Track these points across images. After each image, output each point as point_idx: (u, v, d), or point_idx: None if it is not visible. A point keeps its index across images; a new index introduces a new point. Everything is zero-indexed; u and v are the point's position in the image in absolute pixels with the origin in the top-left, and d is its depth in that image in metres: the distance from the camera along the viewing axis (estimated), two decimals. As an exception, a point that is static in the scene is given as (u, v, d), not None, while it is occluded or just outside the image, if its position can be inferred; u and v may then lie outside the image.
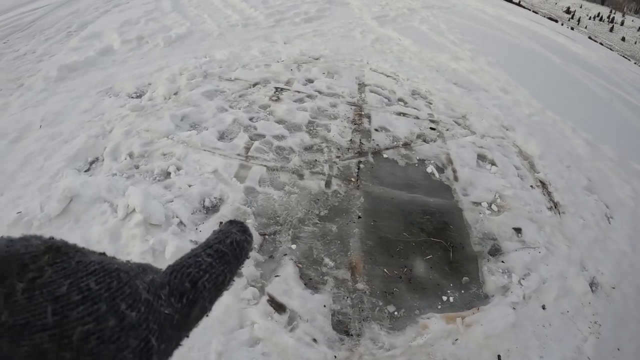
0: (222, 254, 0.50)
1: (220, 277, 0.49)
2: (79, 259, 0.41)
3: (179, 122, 5.32)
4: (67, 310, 0.37)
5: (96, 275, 0.40)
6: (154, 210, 3.83)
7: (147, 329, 0.40)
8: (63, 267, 0.39)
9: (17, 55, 7.32)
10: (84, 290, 0.38)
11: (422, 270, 3.90)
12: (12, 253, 0.39)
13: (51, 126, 5.22)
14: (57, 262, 0.39)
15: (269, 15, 10.73)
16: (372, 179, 4.89)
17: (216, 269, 0.49)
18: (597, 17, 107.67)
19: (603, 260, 4.71)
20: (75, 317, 0.36)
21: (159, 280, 0.46)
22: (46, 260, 0.39)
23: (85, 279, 0.39)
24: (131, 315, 0.39)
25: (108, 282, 0.40)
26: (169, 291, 0.44)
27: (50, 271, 0.38)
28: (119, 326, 0.38)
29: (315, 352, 3.04)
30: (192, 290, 0.46)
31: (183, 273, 0.47)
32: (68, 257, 0.40)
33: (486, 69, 9.78)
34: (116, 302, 0.39)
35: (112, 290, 0.40)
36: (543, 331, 3.67)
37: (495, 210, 4.82)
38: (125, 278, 0.42)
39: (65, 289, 0.38)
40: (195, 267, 0.48)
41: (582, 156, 6.88)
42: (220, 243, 0.52)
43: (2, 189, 4.27)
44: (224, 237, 0.54)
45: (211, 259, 0.49)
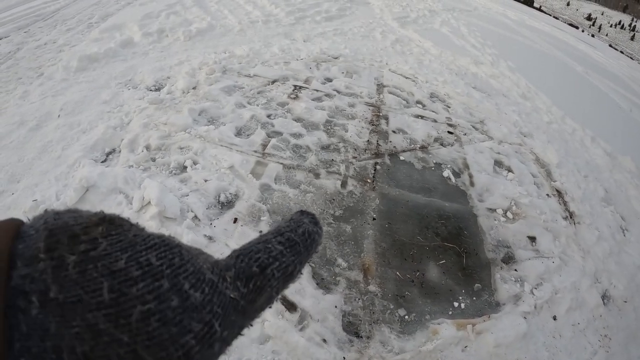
0: (293, 243, 0.48)
1: (290, 267, 0.46)
2: (136, 232, 0.38)
3: (197, 117, 5.35)
4: (126, 286, 0.33)
5: (157, 250, 0.37)
6: (169, 203, 3.85)
7: (210, 312, 0.37)
8: (119, 239, 0.36)
9: (38, 44, 7.40)
10: (144, 266, 0.35)
11: (434, 275, 3.89)
12: (60, 225, 0.36)
13: (70, 116, 5.28)
14: (112, 235, 0.36)
15: (290, 12, 10.74)
16: (388, 181, 4.87)
17: (287, 258, 0.46)
18: (618, 24, 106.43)
19: (617, 273, 4.65)
20: (134, 295, 0.33)
21: (224, 262, 0.43)
22: (100, 231, 0.36)
23: (144, 253, 0.36)
24: (195, 295, 0.36)
25: (170, 258, 0.37)
26: (235, 274, 0.41)
27: (105, 243, 0.35)
28: (182, 307, 0.35)
29: (324, 353, 3.04)
30: (260, 275, 0.43)
31: (251, 257, 0.44)
32: (124, 230, 0.37)
33: (506, 74, 9.70)
34: (179, 280, 0.36)
35: (174, 267, 0.37)
36: (553, 342, 3.64)
37: (510, 217, 4.78)
38: (188, 256, 0.39)
39: (123, 263, 0.34)
40: (265, 252, 0.45)
41: (601, 166, 6.80)
42: (292, 232, 0.49)
43: (19, 175, 4.33)
44: (296, 226, 0.51)
45: (282, 247, 0.46)
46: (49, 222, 0.36)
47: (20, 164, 4.48)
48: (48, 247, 0.33)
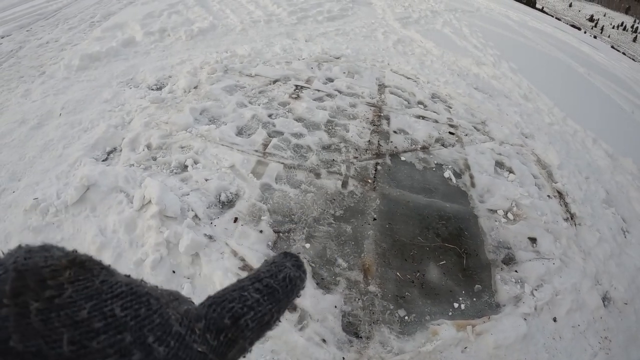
0: (272, 290, 0.45)
1: (267, 316, 0.43)
2: (104, 278, 0.36)
3: (198, 116, 5.35)
4: (87, 339, 0.32)
5: (123, 299, 0.35)
6: (169, 202, 3.85)
7: None
8: (86, 286, 0.34)
9: (40, 43, 7.42)
10: (108, 317, 0.33)
11: (435, 276, 3.88)
12: (30, 266, 0.34)
13: (71, 114, 5.29)
14: (79, 280, 0.34)
15: (292, 12, 10.74)
16: (388, 181, 4.87)
17: (263, 307, 0.43)
18: (620, 26, 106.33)
19: (617, 275, 4.64)
20: (95, 348, 0.32)
21: (195, 312, 0.40)
22: (67, 276, 0.34)
23: (109, 302, 0.34)
24: (159, 350, 0.34)
25: (136, 308, 0.35)
26: (205, 326, 0.39)
27: (71, 290, 0.34)
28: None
29: (324, 353, 3.04)
30: (233, 327, 0.40)
31: (224, 307, 0.41)
32: (92, 275, 0.36)
33: (508, 75, 9.69)
34: (143, 333, 0.34)
35: (139, 319, 0.35)
36: (553, 344, 3.64)
37: (511, 218, 4.77)
38: (156, 305, 0.37)
39: (85, 313, 0.33)
40: (240, 302, 0.42)
41: (602, 168, 6.79)
42: (272, 277, 0.46)
43: (20, 174, 4.34)
44: (277, 270, 0.47)
45: (259, 295, 0.43)
46: (18, 262, 0.34)
47: (22, 163, 4.48)
48: (14, 292, 0.32)
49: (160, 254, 3.50)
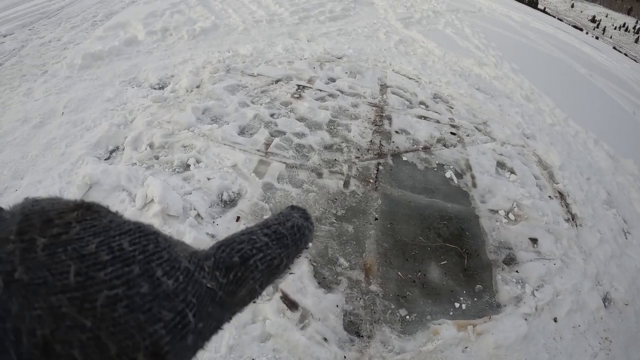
0: (280, 236, 0.44)
1: (276, 260, 0.43)
2: (112, 218, 0.37)
3: (200, 115, 5.36)
4: (94, 270, 0.32)
5: (131, 236, 0.36)
6: (172, 201, 3.87)
7: (184, 301, 0.35)
8: (93, 224, 0.35)
9: (42, 42, 7.43)
10: (115, 250, 0.34)
11: (436, 276, 3.89)
12: (36, 210, 0.35)
13: (74, 113, 5.30)
14: (86, 219, 0.35)
15: (294, 12, 10.75)
16: (390, 181, 4.88)
17: (272, 250, 0.43)
18: (622, 27, 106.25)
19: (618, 276, 4.65)
20: (101, 279, 0.32)
21: (204, 252, 0.40)
22: (74, 216, 0.35)
23: (117, 238, 0.35)
24: (167, 283, 0.34)
25: (144, 244, 0.36)
26: (214, 263, 0.39)
27: (78, 228, 0.34)
28: (153, 294, 0.33)
29: (325, 351, 3.05)
30: (242, 266, 0.40)
31: (233, 248, 0.41)
32: (100, 215, 0.36)
33: (510, 76, 9.70)
34: (151, 267, 0.35)
35: (147, 253, 0.35)
36: (554, 344, 3.64)
37: (512, 219, 4.78)
38: (164, 243, 0.38)
39: (93, 247, 0.33)
40: (249, 243, 0.42)
41: (603, 169, 6.79)
42: (280, 225, 0.45)
43: (23, 172, 4.35)
44: (285, 219, 0.47)
45: (268, 239, 0.43)
46: (26, 207, 0.35)
47: (24, 161, 4.49)
48: (20, 230, 0.33)
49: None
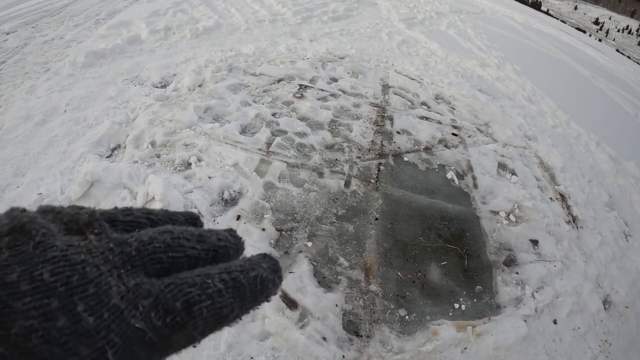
0: (238, 285, 0.41)
1: (225, 309, 0.40)
2: (40, 240, 0.36)
3: (202, 114, 5.37)
4: (12, 299, 0.32)
5: (54, 264, 0.35)
6: (173, 199, 3.87)
7: (105, 339, 0.34)
8: (21, 250, 0.35)
9: (45, 39, 7.45)
10: (36, 281, 0.33)
11: (436, 276, 3.89)
12: None
13: (76, 111, 5.31)
14: (17, 245, 0.35)
15: (297, 12, 10.75)
16: (391, 182, 4.88)
17: (224, 299, 0.40)
18: (625, 29, 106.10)
19: (619, 278, 4.65)
20: (19, 309, 0.32)
21: (147, 288, 0.38)
22: (7, 241, 0.35)
23: (40, 267, 0.34)
24: (88, 319, 0.34)
25: (68, 275, 0.35)
26: (153, 304, 0.37)
27: (7, 254, 0.34)
28: (70, 328, 0.33)
29: (324, 351, 3.06)
30: (183, 312, 0.38)
31: (181, 290, 0.39)
32: (29, 238, 0.36)
33: (512, 77, 9.70)
34: (73, 300, 0.34)
35: (70, 286, 0.34)
36: (553, 346, 3.64)
37: (513, 220, 4.78)
38: (93, 274, 0.36)
39: (15, 276, 0.33)
40: (200, 288, 0.39)
41: (605, 171, 6.79)
42: (243, 273, 0.42)
43: (25, 169, 4.36)
44: (250, 267, 0.43)
45: (223, 286, 0.40)
46: None
47: (26, 158, 4.51)
48: None
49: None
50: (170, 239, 0.42)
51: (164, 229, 0.43)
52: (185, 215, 0.51)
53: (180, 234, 0.44)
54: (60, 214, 0.41)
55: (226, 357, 2.93)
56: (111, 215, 0.43)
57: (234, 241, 0.48)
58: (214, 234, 0.46)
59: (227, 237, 0.47)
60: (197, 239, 0.44)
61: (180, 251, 0.42)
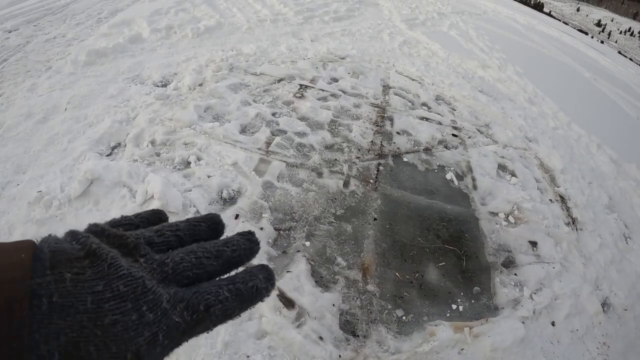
0: (240, 293, 0.56)
1: (230, 310, 0.55)
2: (111, 262, 0.50)
3: (202, 113, 5.37)
4: (102, 302, 0.46)
5: (124, 279, 0.49)
6: (172, 198, 3.88)
7: (158, 328, 0.49)
8: (99, 270, 0.48)
9: (47, 38, 7.47)
10: (115, 291, 0.48)
11: (434, 277, 3.89)
12: (60, 249, 0.48)
13: (77, 109, 5.32)
14: (94, 266, 0.48)
15: (298, 12, 10.76)
16: (390, 182, 4.88)
17: (230, 304, 0.55)
18: (628, 31, 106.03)
19: (618, 281, 4.64)
20: (107, 308, 0.46)
21: (181, 294, 0.53)
22: (87, 263, 0.48)
23: (116, 281, 0.48)
24: (149, 315, 0.48)
25: (134, 286, 0.49)
26: (185, 306, 0.52)
27: (90, 272, 0.48)
28: (139, 321, 0.47)
29: (320, 350, 3.06)
30: (204, 312, 0.53)
31: (203, 297, 0.54)
32: (102, 261, 0.49)
33: (514, 79, 9.68)
34: (139, 303, 0.48)
35: (137, 293, 0.49)
36: (551, 348, 3.64)
37: (512, 221, 4.77)
38: (150, 285, 0.51)
39: (101, 287, 0.47)
40: (214, 296, 0.54)
41: (606, 174, 6.78)
42: (244, 284, 0.58)
43: (25, 167, 4.37)
44: (249, 278, 0.59)
45: (229, 294, 0.55)
46: (51, 246, 0.48)
47: (27, 156, 4.52)
48: (52, 265, 0.46)
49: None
50: (194, 259, 0.56)
51: (190, 250, 0.57)
52: (207, 222, 0.65)
53: (202, 253, 0.58)
54: (111, 237, 0.54)
55: (222, 356, 2.94)
56: (149, 237, 0.57)
57: (248, 246, 0.62)
58: (231, 245, 0.61)
59: (241, 246, 0.62)
60: (215, 256, 0.58)
61: (201, 268, 0.56)
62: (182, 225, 0.62)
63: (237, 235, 0.64)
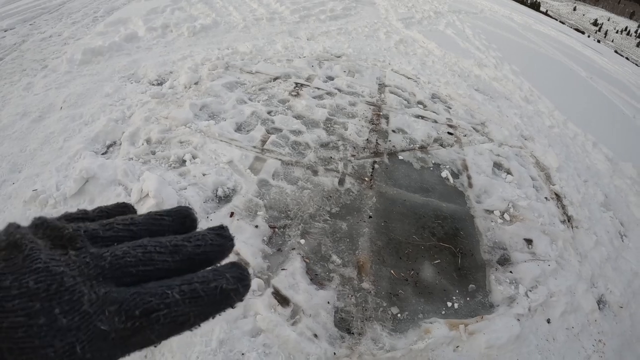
0: (196, 296, 0.46)
1: (182, 317, 0.45)
2: (28, 254, 0.43)
3: (198, 112, 5.37)
4: (5, 300, 0.39)
5: (37, 274, 0.42)
6: (167, 196, 3.87)
7: (74, 336, 0.40)
8: (13, 263, 0.42)
9: (43, 37, 7.44)
10: (23, 287, 0.40)
11: (429, 275, 3.89)
12: None
13: (73, 108, 5.31)
14: (10, 259, 0.42)
15: (295, 11, 10.75)
16: (386, 180, 4.88)
17: (181, 309, 0.45)
18: (624, 31, 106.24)
19: (614, 278, 4.65)
20: (9, 308, 0.39)
21: (115, 296, 0.44)
22: (2, 255, 0.43)
23: (27, 276, 0.41)
24: (62, 320, 0.40)
25: (48, 283, 0.41)
26: (117, 310, 0.43)
27: (3, 265, 0.42)
28: (48, 326, 0.39)
29: (315, 348, 3.06)
30: (142, 319, 0.43)
31: (143, 299, 0.44)
32: (19, 252, 0.43)
33: (510, 77, 9.70)
34: (51, 304, 0.41)
35: (50, 292, 0.41)
36: (547, 345, 3.64)
37: (507, 219, 4.78)
38: (69, 283, 0.43)
39: (8, 282, 0.40)
40: (159, 298, 0.44)
41: (601, 172, 6.79)
42: (203, 283, 0.47)
43: (21, 166, 4.37)
44: (212, 278, 0.48)
45: (180, 297, 0.45)
46: None
47: (22, 154, 4.51)
48: None
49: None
50: (141, 254, 0.47)
51: (139, 243, 0.48)
52: (174, 215, 0.55)
53: (153, 247, 0.48)
54: (48, 228, 0.47)
55: (217, 353, 2.93)
56: (93, 231, 0.48)
57: (218, 241, 0.52)
58: (194, 240, 0.51)
59: (207, 241, 0.51)
60: (170, 251, 0.48)
61: (150, 265, 0.47)
62: (138, 219, 0.52)
63: (205, 230, 0.53)
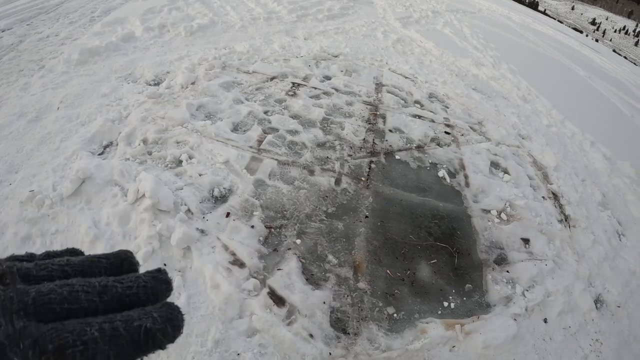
0: (116, 335, 0.44)
1: (100, 356, 0.43)
2: None
3: (194, 112, 5.36)
4: None
5: None
6: (163, 196, 3.87)
7: None
8: None
9: (40, 37, 7.44)
10: None
11: (425, 274, 3.89)
12: None
13: (70, 108, 5.30)
14: None
15: (292, 10, 10.74)
16: (382, 180, 4.88)
17: (99, 347, 0.43)
18: (622, 30, 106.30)
19: (611, 278, 4.64)
20: None
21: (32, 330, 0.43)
22: None
23: None
24: None
25: None
26: (31, 344, 0.42)
27: None
28: None
29: (311, 348, 3.05)
30: (56, 354, 0.42)
31: (59, 334, 0.43)
32: None
33: (508, 77, 9.69)
34: None
35: None
36: (544, 345, 3.64)
37: (504, 219, 4.77)
38: None
39: None
40: (76, 335, 0.43)
41: (599, 171, 6.79)
42: (125, 322, 0.46)
43: (18, 166, 4.36)
44: (137, 317, 0.47)
45: (99, 335, 0.44)
46: None
47: (19, 155, 4.51)
48: None
49: (152, 246, 3.53)
50: (67, 292, 0.47)
51: (67, 282, 0.48)
52: (112, 258, 0.55)
53: (81, 287, 0.48)
54: None
55: (213, 353, 2.93)
56: (27, 270, 0.49)
57: (152, 284, 0.52)
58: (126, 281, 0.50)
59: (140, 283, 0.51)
60: (98, 291, 0.48)
61: (75, 303, 0.46)
62: (75, 260, 0.52)
63: (142, 272, 0.53)
